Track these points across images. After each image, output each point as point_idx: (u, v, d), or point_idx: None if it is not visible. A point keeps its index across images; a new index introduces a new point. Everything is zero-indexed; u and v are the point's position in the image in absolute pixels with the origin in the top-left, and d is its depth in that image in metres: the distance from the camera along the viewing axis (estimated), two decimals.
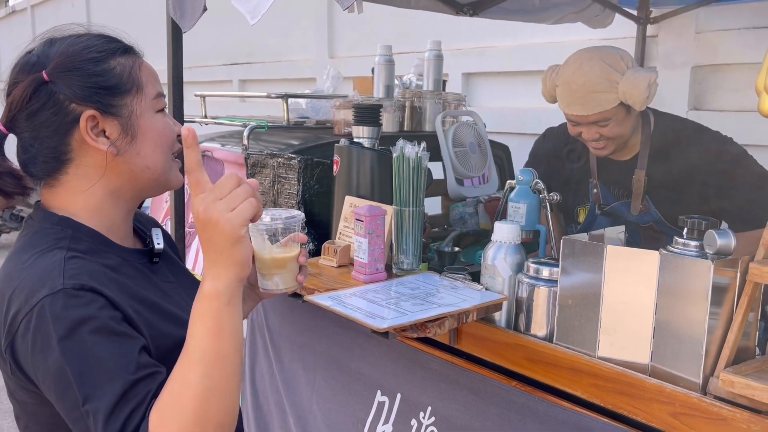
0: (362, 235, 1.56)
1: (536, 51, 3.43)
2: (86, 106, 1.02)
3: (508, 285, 1.49)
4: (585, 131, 1.93)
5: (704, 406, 1.14)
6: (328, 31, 4.60)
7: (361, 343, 1.76)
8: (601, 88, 1.83)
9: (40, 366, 0.91)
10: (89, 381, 0.88)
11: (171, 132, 1.11)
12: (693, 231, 1.27)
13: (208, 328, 0.90)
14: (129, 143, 1.05)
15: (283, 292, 1.17)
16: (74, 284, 0.92)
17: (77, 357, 0.88)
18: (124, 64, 1.06)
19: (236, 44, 5.23)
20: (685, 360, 1.20)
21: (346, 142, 1.87)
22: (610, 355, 1.29)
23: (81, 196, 1.06)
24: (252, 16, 1.41)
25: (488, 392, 1.47)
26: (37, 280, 0.93)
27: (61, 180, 1.06)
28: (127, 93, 1.05)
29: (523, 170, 1.82)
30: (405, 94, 2.58)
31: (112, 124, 1.04)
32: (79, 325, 0.89)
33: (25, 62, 1.04)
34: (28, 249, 1.00)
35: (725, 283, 1.19)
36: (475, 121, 2.36)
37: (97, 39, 1.07)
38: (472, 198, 2.41)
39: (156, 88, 1.10)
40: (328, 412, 1.83)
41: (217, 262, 0.91)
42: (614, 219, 2.04)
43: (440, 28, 3.47)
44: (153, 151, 1.07)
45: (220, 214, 0.89)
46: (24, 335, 0.91)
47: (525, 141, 3.36)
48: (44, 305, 0.90)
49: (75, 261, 0.97)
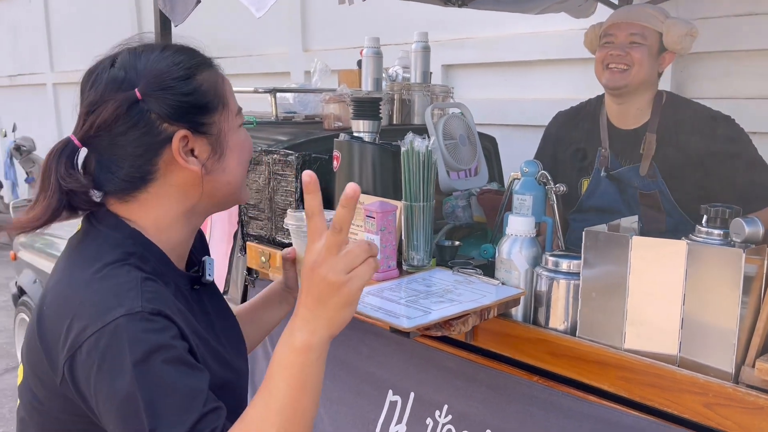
0: (374, 232, 1.52)
1: (517, 42, 3.42)
2: (179, 126, 0.99)
3: (524, 279, 1.47)
4: (616, 46, 2.02)
5: (739, 395, 1.13)
6: (302, 24, 4.52)
7: (369, 342, 1.72)
8: (652, 11, 2.03)
9: (104, 387, 0.86)
10: (160, 410, 0.84)
11: (251, 146, 1.11)
12: (716, 219, 1.26)
13: (293, 382, 0.88)
14: (218, 161, 1.03)
15: None
16: (152, 308, 0.89)
17: (151, 384, 0.85)
18: (209, 80, 1.03)
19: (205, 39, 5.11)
20: (715, 350, 1.19)
21: (347, 137, 1.82)
22: (636, 347, 1.28)
23: (154, 213, 1.02)
24: (257, 8, 1.36)
25: (508, 388, 1.45)
26: (112, 296, 0.89)
27: (138, 197, 1.02)
28: (215, 110, 1.03)
29: (527, 162, 1.80)
30: (393, 86, 2.54)
31: (202, 143, 1.02)
32: (156, 351, 0.86)
33: (113, 78, 0.98)
34: (97, 258, 0.96)
35: (753, 271, 1.19)
36: (464, 113, 2.33)
37: (182, 54, 1.04)
38: (464, 191, 2.39)
39: (236, 102, 1.09)
40: (335, 414, 1.79)
41: (319, 318, 0.87)
42: (619, 184, 2.09)
43: (417, 20, 3.44)
44: (236, 166, 1.06)
45: (338, 275, 0.85)
46: (90, 352, 0.87)
47: (507, 132, 3.37)
48: (120, 325, 0.86)
49: (150, 284, 0.93)
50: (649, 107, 2.08)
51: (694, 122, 2.01)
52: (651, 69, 2.04)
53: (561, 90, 3.26)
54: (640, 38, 2.00)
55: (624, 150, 2.11)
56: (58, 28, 7.93)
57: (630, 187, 2.09)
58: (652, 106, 2.07)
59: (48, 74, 8.07)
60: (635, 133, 2.09)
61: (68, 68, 7.59)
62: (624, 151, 2.12)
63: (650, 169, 2.04)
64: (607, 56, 2.04)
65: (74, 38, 7.40)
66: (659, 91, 2.10)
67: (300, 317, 0.89)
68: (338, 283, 0.85)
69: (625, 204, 2.10)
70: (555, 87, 3.33)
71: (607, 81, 2.06)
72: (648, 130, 2.05)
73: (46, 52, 8.10)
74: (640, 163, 2.06)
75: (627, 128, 2.11)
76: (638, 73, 2.01)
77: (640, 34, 2.00)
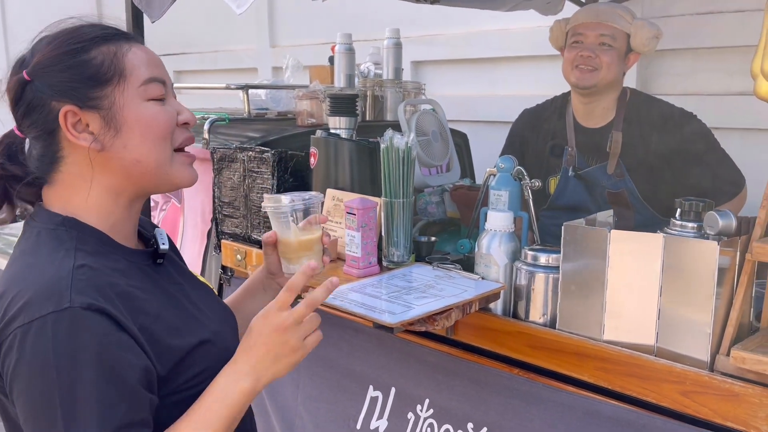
0: (354, 228, 1.52)
1: (485, 38, 3.45)
2: (63, 102, 0.97)
3: (504, 273, 1.49)
4: (585, 47, 2.05)
5: (715, 383, 1.17)
6: (269, 19, 4.48)
7: (349, 338, 1.72)
8: (620, 12, 2.05)
9: (23, 382, 0.87)
10: (77, 413, 0.85)
11: (164, 121, 1.02)
12: (690, 212, 1.30)
13: (230, 421, 0.98)
14: (113, 136, 0.99)
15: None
16: (82, 302, 0.88)
17: (70, 386, 0.85)
18: (107, 52, 0.99)
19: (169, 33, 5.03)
20: (691, 339, 1.23)
21: (324, 133, 1.82)
22: (615, 338, 1.31)
23: (78, 195, 1.01)
24: (238, 5, 1.35)
25: (489, 381, 1.47)
26: (43, 290, 0.89)
27: (57, 179, 1.02)
28: (107, 83, 0.98)
29: (503, 158, 1.82)
30: (365, 83, 2.54)
31: (93, 118, 0.98)
32: (81, 352, 0.86)
33: (15, 61, 1.01)
34: (33, 251, 0.96)
35: (726, 263, 1.22)
36: (435, 110, 2.35)
37: (82, 30, 1.01)
38: (437, 187, 2.41)
39: (146, 74, 1.01)
40: (315, 411, 1.79)
41: (269, 369, 1.00)
42: (587, 184, 2.12)
43: (386, 16, 3.44)
44: (141, 142, 1.00)
45: (298, 341, 1.00)
46: (13, 346, 0.87)
47: (476, 129, 3.40)
48: (47, 321, 0.86)
49: (83, 271, 0.92)
50: (614, 105, 2.11)
51: (658, 119, 2.06)
52: (618, 70, 2.08)
53: (530, 86, 3.30)
54: (609, 39, 2.03)
55: (590, 148, 2.15)
56: (15, 24, 7.71)
57: (598, 186, 2.12)
58: (617, 104, 2.11)
59: (3, 65, 7.84)
60: (601, 132, 2.12)
61: None
62: (590, 150, 2.15)
63: (617, 167, 2.08)
64: (576, 57, 2.07)
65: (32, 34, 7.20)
66: (623, 89, 2.14)
67: (250, 365, 0.99)
68: (296, 347, 1.00)
69: (594, 203, 2.14)
70: (524, 83, 3.38)
71: (576, 80, 2.09)
72: (614, 129, 2.08)
73: (2, 48, 7.87)
74: (607, 162, 2.10)
75: (593, 126, 2.15)
76: (606, 75, 2.05)
77: (610, 35, 2.03)
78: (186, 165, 1.07)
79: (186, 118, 1.05)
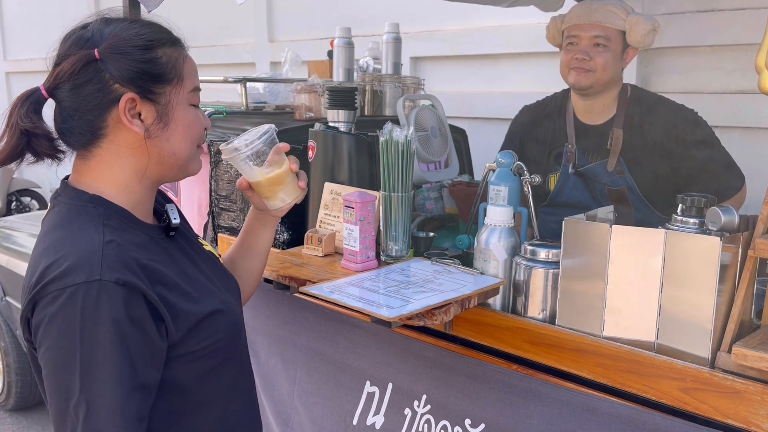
0: (353, 222, 1.51)
1: (485, 35, 3.43)
2: (128, 89, 1.06)
3: (503, 268, 1.48)
4: (579, 49, 2.02)
5: (716, 380, 1.16)
6: (267, 13, 4.46)
7: (347, 333, 1.71)
8: (614, 9, 2.00)
9: (50, 339, 0.95)
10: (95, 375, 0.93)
11: (200, 125, 1.16)
12: (692, 208, 1.29)
13: None
14: (161, 129, 1.10)
15: (294, 203, 1.26)
16: (110, 277, 0.96)
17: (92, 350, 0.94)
18: (170, 55, 1.11)
19: None
20: (691, 336, 1.22)
21: (322, 126, 1.80)
22: (615, 334, 1.30)
23: (109, 172, 1.10)
24: None
25: (487, 377, 1.46)
26: (76, 261, 0.97)
27: (94, 152, 1.09)
28: (168, 83, 1.10)
29: (503, 153, 1.80)
30: (364, 77, 2.52)
31: (149, 109, 1.09)
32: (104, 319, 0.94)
33: (80, 37, 1.08)
34: (64, 225, 1.04)
35: (728, 259, 1.21)
36: (435, 105, 2.34)
37: (149, 27, 1.12)
38: (435, 182, 2.39)
39: (194, 82, 1.15)
40: (312, 406, 1.78)
41: None
42: (587, 180, 2.10)
43: (386, 12, 3.43)
44: (181, 139, 1.13)
45: None
46: (47, 306, 0.95)
47: (474, 125, 3.38)
48: (78, 291, 0.94)
49: (112, 247, 1.00)
50: (614, 102, 2.10)
51: (659, 116, 2.04)
52: (616, 68, 2.06)
53: (529, 83, 3.29)
54: (603, 40, 2.00)
55: (590, 145, 2.13)
56: (11, 16, 7.68)
57: (598, 184, 2.11)
58: (618, 101, 2.09)
59: (1, 63, 7.81)
60: (601, 129, 2.10)
61: (21, 57, 7.36)
62: (590, 147, 2.13)
63: (618, 164, 2.06)
64: (572, 60, 2.05)
65: (28, 26, 7.18)
66: (624, 85, 2.12)
67: None
68: None
69: (594, 200, 2.12)
70: (523, 80, 3.36)
71: (573, 82, 2.08)
72: (614, 125, 2.07)
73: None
74: (607, 159, 2.08)
75: (593, 123, 2.13)
76: (603, 76, 2.03)
77: (603, 36, 2.00)
78: (199, 158, 1.20)
79: (207, 124, 1.20)
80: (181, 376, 1.07)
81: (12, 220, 4.04)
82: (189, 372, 1.08)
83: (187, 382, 1.09)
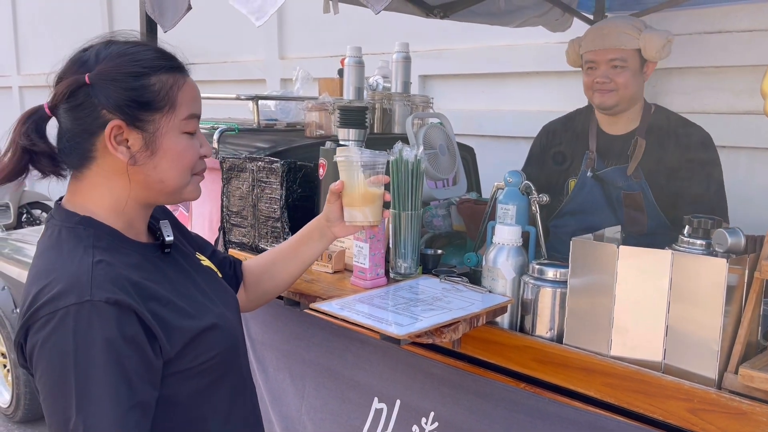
0: (363, 240, 1.53)
1: (494, 53, 3.47)
2: (115, 116, 1.06)
3: (511, 287, 1.49)
4: (599, 74, 2.09)
5: (723, 401, 1.17)
6: (278, 31, 4.52)
7: (355, 350, 1.72)
8: (626, 30, 2.06)
9: (44, 362, 0.96)
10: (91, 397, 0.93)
11: (193, 154, 1.14)
12: (699, 230, 1.30)
13: None
14: (148, 157, 1.09)
15: (370, 225, 1.34)
16: (101, 297, 0.96)
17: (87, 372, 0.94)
18: (165, 82, 1.09)
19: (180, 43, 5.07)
20: (698, 357, 1.23)
21: (333, 145, 1.83)
22: (622, 354, 1.31)
23: (99, 194, 1.10)
24: (257, 17, 1.36)
25: (494, 395, 1.47)
26: (66, 284, 0.97)
27: (85, 174, 1.10)
28: (158, 110, 1.08)
29: (511, 172, 1.82)
30: (374, 96, 2.56)
31: (136, 137, 1.08)
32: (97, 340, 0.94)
33: (77, 59, 1.08)
34: (55, 247, 1.05)
35: (734, 281, 1.23)
36: (443, 123, 2.36)
37: (148, 53, 1.10)
38: (443, 200, 2.41)
39: (190, 109, 1.12)
40: (320, 422, 1.79)
41: None
42: (604, 185, 2.17)
43: (395, 30, 3.47)
44: (169, 168, 1.11)
45: None
46: (39, 330, 0.96)
47: (483, 143, 3.41)
48: (69, 313, 0.94)
49: (101, 267, 1.00)
50: (638, 115, 2.17)
51: (679, 133, 2.11)
52: (637, 84, 2.12)
53: (537, 102, 3.32)
54: (620, 62, 2.07)
55: (610, 153, 2.20)
56: (25, 31, 7.79)
57: (614, 188, 2.16)
58: (642, 113, 2.16)
59: (14, 77, 7.90)
60: (623, 138, 2.17)
61: (35, 71, 7.45)
62: (610, 154, 2.20)
63: (636, 171, 2.11)
64: (593, 83, 2.13)
65: (41, 41, 7.27)
66: (648, 104, 2.19)
67: None
68: None
69: (609, 204, 2.17)
70: (531, 99, 3.39)
71: (599, 103, 2.16)
72: (638, 134, 2.13)
73: (12, 55, 7.94)
74: (626, 165, 2.14)
75: (616, 134, 2.19)
76: (626, 93, 2.10)
77: (619, 58, 2.07)
78: (197, 185, 1.18)
79: (205, 151, 1.17)
80: (178, 392, 1.06)
81: (24, 232, 4.09)
82: (186, 388, 1.08)
83: (184, 399, 1.08)
